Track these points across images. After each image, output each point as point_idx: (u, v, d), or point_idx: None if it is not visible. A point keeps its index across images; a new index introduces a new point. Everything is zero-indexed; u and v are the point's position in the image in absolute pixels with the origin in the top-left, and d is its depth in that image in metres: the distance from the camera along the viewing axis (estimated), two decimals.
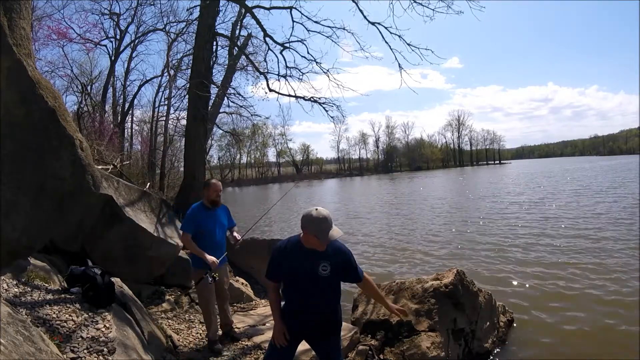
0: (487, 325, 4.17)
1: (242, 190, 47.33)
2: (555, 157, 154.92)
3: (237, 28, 9.38)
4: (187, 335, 4.00)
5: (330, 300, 2.40)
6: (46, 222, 3.52)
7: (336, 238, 2.20)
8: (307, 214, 2.19)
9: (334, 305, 2.43)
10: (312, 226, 2.16)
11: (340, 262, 2.33)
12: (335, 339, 2.48)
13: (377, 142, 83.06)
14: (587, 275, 6.38)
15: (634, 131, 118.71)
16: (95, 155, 8.72)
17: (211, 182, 3.76)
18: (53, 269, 3.66)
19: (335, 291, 2.41)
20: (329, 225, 2.16)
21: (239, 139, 23.48)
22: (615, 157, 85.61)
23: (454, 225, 12.01)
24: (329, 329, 2.43)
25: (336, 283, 2.39)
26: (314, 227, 2.16)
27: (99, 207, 4.12)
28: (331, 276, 2.31)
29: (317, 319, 2.40)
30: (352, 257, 2.39)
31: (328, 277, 2.31)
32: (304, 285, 2.34)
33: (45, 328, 2.46)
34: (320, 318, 2.40)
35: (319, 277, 2.29)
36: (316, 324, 2.41)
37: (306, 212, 2.21)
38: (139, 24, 17.41)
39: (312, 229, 2.16)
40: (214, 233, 3.61)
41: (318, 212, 2.17)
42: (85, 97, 17.53)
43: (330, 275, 2.31)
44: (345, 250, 2.38)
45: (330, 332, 2.44)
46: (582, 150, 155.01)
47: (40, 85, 3.42)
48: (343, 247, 2.39)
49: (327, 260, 2.30)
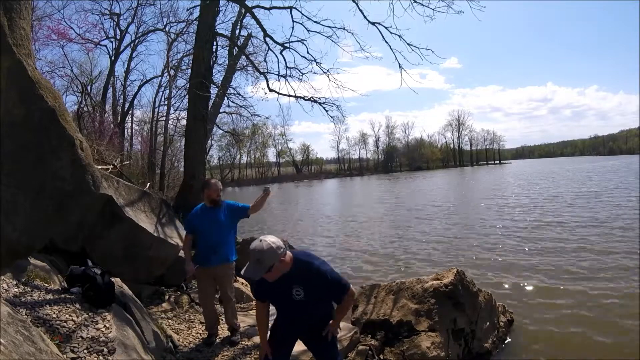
0: (487, 325, 4.17)
1: (242, 190, 47.30)
2: (555, 157, 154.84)
3: (237, 28, 9.40)
4: (187, 335, 4.00)
5: (314, 316, 2.37)
6: (46, 222, 3.52)
7: (250, 274, 2.02)
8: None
9: (322, 317, 2.38)
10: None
11: (314, 285, 2.20)
12: (329, 337, 2.43)
13: (377, 142, 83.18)
14: (587, 275, 6.38)
15: (634, 131, 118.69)
16: (95, 155, 8.72)
17: (211, 182, 3.77)
18: (53, 269, 3.66)
19: (318, 309, 2.34)
20: (252, 258, 2.02)
21: (239, 139, 23.48)
22: (617, 157, 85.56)
23: (454, 226, 12.01)
24: (320, 330, 2.40)
25: (316, 303, 2.28)
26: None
27: (99, 207, 4.12)
28: (307, 300, 2.23)
29: (306, 327, 2.39)
30: (328, 280, 2.19)
31: (304, 301, 2.23)
32: (284, 307, 2.33)
33: (45, 328, 2.46)
34: (308, 327, 2.39)
35: (294, 301, 2.23)
36: (306, 330, 2.41)
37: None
38: (139, 24, 17.44)
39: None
40: (209, 233, 3.61)
41: (254, 244, 2.03)
42: (85, 97, 17.54)
43: (305, 299, 2.23)
44: (320, 272, 2.18)
45: (322, 333, 2.40)
46: (582, 150, 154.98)
47: (40, 85, 3.42)
48: (319, 269, 2.19)
49: (300, 285, 2.21)
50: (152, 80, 19.55)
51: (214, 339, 3.76)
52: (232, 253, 3.78)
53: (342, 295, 2.28)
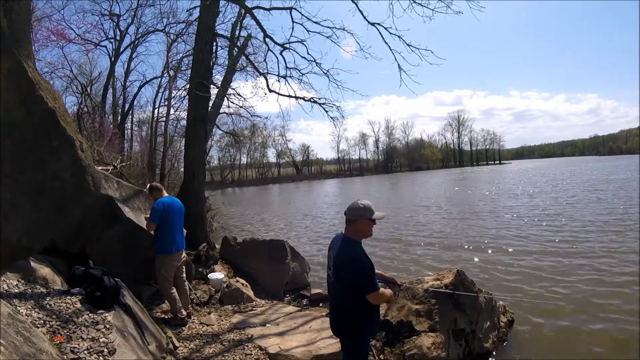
0: (487, 325, 4.17)
1: (242, 191, 47.31)
2: (555, 157, 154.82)
3: (237, 29, 9.37)
4: (187, 335, 4.01)
5: (335, 303, 2.45)
6: (46, 222, 3.52)
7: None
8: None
9: (340, 309, 2.41)
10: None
11: (338, 266, 2.32)
12: (344, 342, 2.47)
13: (377, 142, 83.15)
14: (588, 276, 6.38)
15: (634, 131, 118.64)
16: (95, 156, 8.72)
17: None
18: (53, 269, 3.65)
19: (337, 296, 2.39)
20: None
21: (239, 139, 23.44)
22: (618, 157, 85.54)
23: (454, 226, 12.00)
24: (336, 328, 2.47)
25: (340, 288, 2.34)
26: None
27: (99, 207, 4.11)
28: (334, 281, 2.36)
29: (331, 315, 2.49)
30: (350, 267, 2.25)
31: (333, 282, 2.37)
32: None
33: (45, 329, 2.46)
34: (332, 316, 2.48)
35: (329, 282, 2.39)
36: (331, 321, 2.50)
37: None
38: (139, 24, 17.41)
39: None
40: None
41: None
42: (85, 98, 17.54)
43: (334, 280, 2.36)
44: (347, 256, 2.27)
45: (338, 332, 2.46)
46: (582, 150, 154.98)
47: (40, 87, 3.43)
48: (349, 252, 2.28)
49: (333, 263, 2.36)
50: (152, 81, 19.54)
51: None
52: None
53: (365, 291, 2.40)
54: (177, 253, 4.22)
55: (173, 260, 4.18)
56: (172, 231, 4.17)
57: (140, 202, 4.89)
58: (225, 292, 5.15)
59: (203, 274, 5.68)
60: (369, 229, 2.35)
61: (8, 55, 3.14)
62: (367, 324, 2.37)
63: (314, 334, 4.02)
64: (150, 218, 4.08)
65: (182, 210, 4.41)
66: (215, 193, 26.78)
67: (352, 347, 2.40)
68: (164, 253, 4.12)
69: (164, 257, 4.12)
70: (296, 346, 3.73)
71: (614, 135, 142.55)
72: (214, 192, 27.45)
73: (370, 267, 2.27)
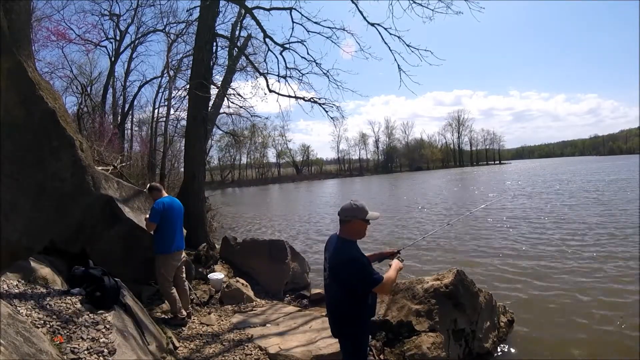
0: (487, 325, 4.16)
1: (242, 191, 47.30)
2: (555, 157, 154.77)
3: (237, 29, 9.36)
4: (187, 335, 4.01)
5: (332, 303, 2.43)
6: (46, 222, 3.52)
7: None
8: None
9: (337, 310, 2.40)
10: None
11: (333, 267, 2.30)
12: (343, 342, 2.47)
13: (377, 142, 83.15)
14: (588, 276, 6.38)
15: (634, 131, 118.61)
16: (95, 156, 8.73)
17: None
18: (53, 269, 3.66)
19: (334, 297, 2.38)
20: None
21: (239, 139, 23.46)
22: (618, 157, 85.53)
23: (455, 226, 11.99)
24: (334, 329, 2.45)
25: (336, 289, 2.32)
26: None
27: (99, 207, 4.12)
28: (330, 282, 2.34)
29: (329, 316, 2.47)
30: (345, 267, 2.22)
31: (329, 284, 2.35)
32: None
33: (45, 329, 2.46)
34: (330, 317, 2.47)
35: (325, 283, 2.38)
36: (329, 321, 2.48)
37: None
38: (139, 24, 17.42)
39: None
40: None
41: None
42: (85, 98, 17.53)
43: (329, 281, 2.34)
44: (342, 257, 2.24)
45: (336, 332, 2.45)
46: (582, 150, 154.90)
47: (40, 87, 3.43)
48: (344, 252, 2.25)
49: (328, 265, 2.34)
50: (152, 81, 19.56)
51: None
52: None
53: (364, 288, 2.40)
54: (177, 253, 4.22)
55: (173, 260, 4.18)
56: (172, 231, 4.17)
57: (140, 202, 4.89)
58: (225, 292, 5.15)
59: (203, 274, 5.68)
60: (363, 229, 2.33)
61: (8, 55, 3.14)
62: (364, 323, 2.36)
63: (314, 334, 4.02)
64: (150, 218, 4.08)
65: (182, 210, 4.41)
66: (215, 193, 26.80)
67: (350, 347, 2.40)
68: (164, 253, 4.12)
69: (164, 257, 4.13)
70: (296, 346, 3.74)
71: (614, 135, 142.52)
72: (214, 192, 27.47)
73: (367, 263, 2.25)
